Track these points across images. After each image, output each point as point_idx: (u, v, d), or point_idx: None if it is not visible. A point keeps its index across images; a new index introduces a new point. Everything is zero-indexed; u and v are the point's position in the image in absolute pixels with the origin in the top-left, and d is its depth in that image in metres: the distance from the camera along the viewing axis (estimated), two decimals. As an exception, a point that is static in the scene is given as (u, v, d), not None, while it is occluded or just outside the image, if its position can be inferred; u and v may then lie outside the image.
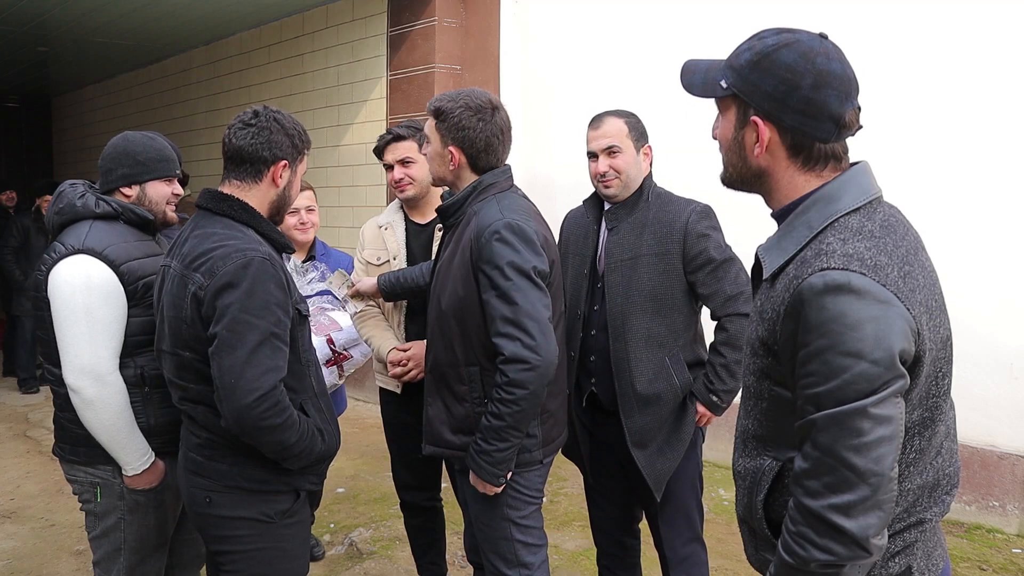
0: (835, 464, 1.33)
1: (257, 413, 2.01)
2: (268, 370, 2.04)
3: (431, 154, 2.47)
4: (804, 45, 1.45)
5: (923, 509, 1.49)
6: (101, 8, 7.79)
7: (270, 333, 2.05)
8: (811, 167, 1.49)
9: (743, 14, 5.17)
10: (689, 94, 1.60)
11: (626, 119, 2.80)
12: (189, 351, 2.12)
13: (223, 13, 8.02)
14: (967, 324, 4.24)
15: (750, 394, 1.59)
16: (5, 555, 4.19)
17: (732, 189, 1.63)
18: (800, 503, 1.39)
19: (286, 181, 2.25)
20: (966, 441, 4.45)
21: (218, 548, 2.23)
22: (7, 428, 6.61)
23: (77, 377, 2.37)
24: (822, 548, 1.35)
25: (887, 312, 1.33)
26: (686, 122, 3.98)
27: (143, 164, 2.54)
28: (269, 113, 2.22)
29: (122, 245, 2.46)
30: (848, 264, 1.35)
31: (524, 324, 2.21)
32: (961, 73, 4.41)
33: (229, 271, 2.04)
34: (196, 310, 2.07)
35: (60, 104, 14.57)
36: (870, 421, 1.32)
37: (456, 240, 2.40)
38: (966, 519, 4.47)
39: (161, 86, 10.64)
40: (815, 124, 1.44)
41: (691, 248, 2.70)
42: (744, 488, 1.58)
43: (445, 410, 2.43)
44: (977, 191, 4.38)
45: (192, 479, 2.22)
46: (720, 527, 4.44)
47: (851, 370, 1.32)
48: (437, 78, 6.65)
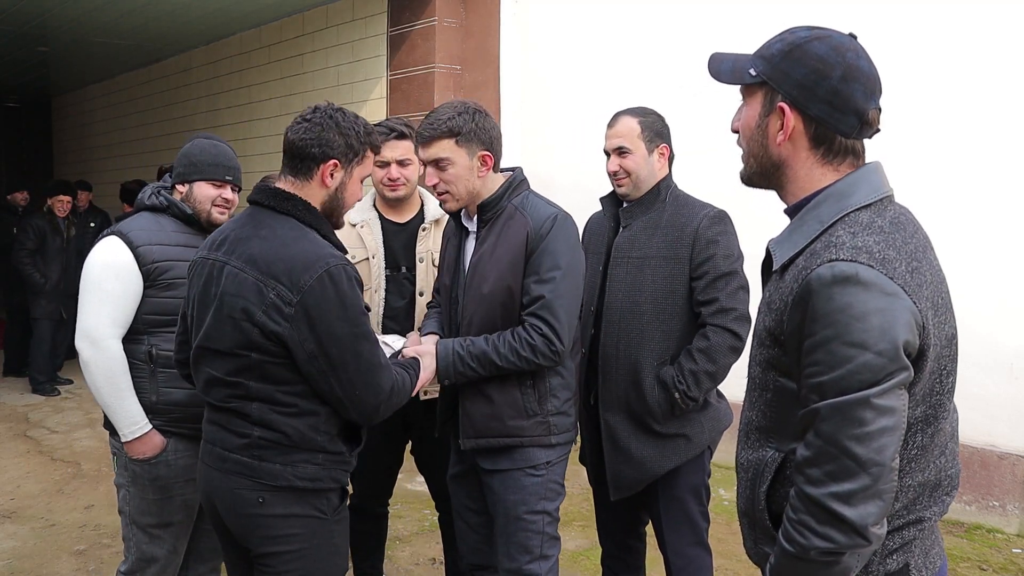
0: (837, 453, 1.35)
1: (384, 411, 2.18)
2: (381, 370, 2.13)
3: (459, 171, 2.44)
4: (835, 40, 1.49)
5: (923, 508, 1.50)
6: (101, 8, 7.79)
7: (371, 334, 2.13)
8: (830, 160, 1.51)
9: (743, 14, 5.18)
10: (717, 81, 1.62)
11: (641, 119, 2.79)
12: (258, 352, 2.08)
13: (223, 13, 8.02)
14: (967, 324, 4.23)
15: (755, 385, 1.60)
16: (5, 555, 4.19)
17: (750, 185, 1.64)
18: (801, 491, 1.40)
19: (338, 182, 2.19)
20: (966, 441, 4.45)
21: (270, 549, 2.15)
22: (7, 428, 6.61)
23: (79, 339, 2.65)
24: (822, 536, 1.37)
25: (893, 304, 1.34)
26: (686, 121, 3.98)
27: (194, 165, 2.76)
28: (328, 110, 2.18)
29: (151, 231, 2.69)
30: (856, 256, 1.37)
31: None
32: (962, 74, 4.40)
33: (316, 285, 2.03)
34: (274, 318, 2.04)
35: (60, 104, 14.57)
36: (873, 411, 1.33)
37: (497, 233, 2.48)
38: (966, 519, 4.47)
39: (161, 86, 10.64)
40: (840, 116, 1.47)
41: (699, 253, 2.69)
42: (747, 480, 1.59)
43: (486, 399, 2.48)
44: (977, 192, 4.38)
45: (237, 481, 2.14)
46: (721, 527, 4.43)
47: (855, 360, 1.33)
48: (437, 78, 6.65)
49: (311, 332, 2.03)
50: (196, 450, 2.54)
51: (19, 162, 15.25)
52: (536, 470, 2.49)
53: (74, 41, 9.31)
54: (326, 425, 2.15)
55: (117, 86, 11.95)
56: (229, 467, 2.16)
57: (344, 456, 2.22)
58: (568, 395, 2.55)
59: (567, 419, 2.55)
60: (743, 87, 1.58)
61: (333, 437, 2.18)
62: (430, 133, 2.43)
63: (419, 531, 4.43)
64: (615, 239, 2.84)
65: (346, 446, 2.22)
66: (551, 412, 2.49)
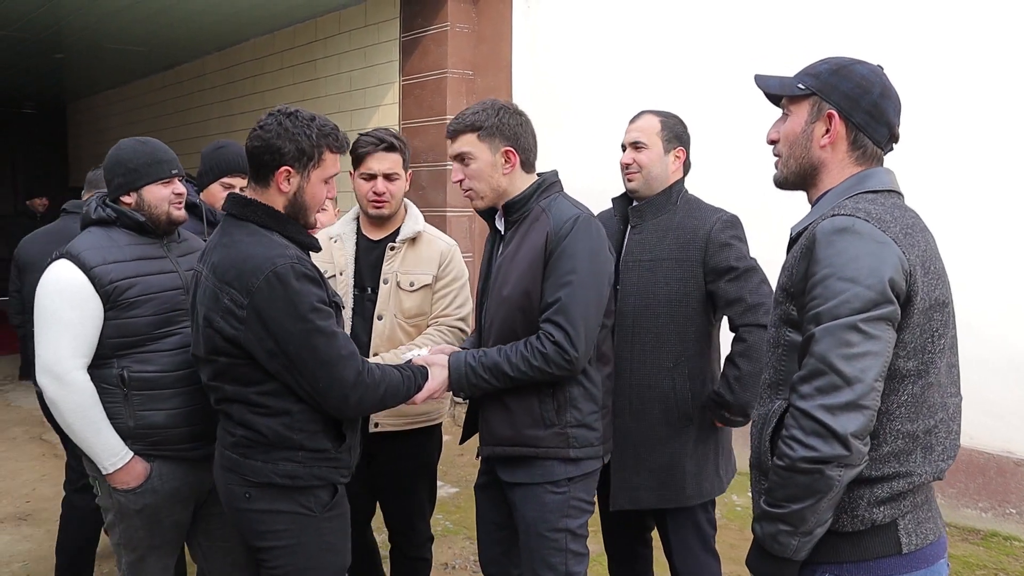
0: (826, 369, 1.54)
1: (355, 403, 2.16)
2: (341, 361, 2.12)
3: (481, 167, 2.42)
4: (872, 66, 1.76)
5: (914, 463, 1.63)
6: (116, 15, 7.85)
7: (325, 328, 2.10)
8: (860, 163, 1.74)
9: (748, 20, 5.17)
10: (765, 92, 1.85)
11: (663, 119, 2.81)
12: (224, 356, 2.14)
13: (236, 19, 8.08)
14: (977, 327, 4.22)
15: (769, 345, 1.78)
16: (21, 557, 4.22)
17: (783, 187, 1.85)
18: (793, 406, 1.58)
19: (295, 187, 2.19)
20: (983, 447, 4.42)
21: (261, 544, 2.22)
22: (23, 431, 6.65)
23: (40, 375, 2.45)
24: (807, 446, 1.54)
25: (882, 250, 1.56)
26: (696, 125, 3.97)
27: (135, 171, 2.57)
28: (279, 115, 2.16)
29: (104, 249, 2.49)
30: (855, 213, 1.60)
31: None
32: (968, 77, 4.38)
33: (263, 286, 2.05)
34: (230, 322, 2.08)
35: (75, 110, 14.70)
36: (859, 335, 1.53)
37: (522, 235, 2.42)
38: (982, 526, 4.44)
39: (175, 92, 10.72)
40: (876, 127, 1.72)
41: (712, 256, 2.66)
42: (756, 432, 1.74)
43: (503, 406, 2.42)
44: (986, 194, 4.35)
45: (229, 476, 2.23)
46: (733, 533, 4.42)
47: (847, 292, 1.54)
48: (449, 83, 6.67)
49: (265, 332, 2.07)
50: (182, 472, 2.57)
51: (35, 168, 15.39)
52: (557, 487, 2.40)
53: (89, 48, 9.39)
54: (302, 423, 2.16)
55: (131, 92, 12.06)
56: (224, 463, 2.25)
57: (329, 453, 2.21)
58: (592, 408, 2.42)
59: (591, 433, 2.42)
60: (787, 101, 1.81)
61: (313, 434, 2.18)
62: (455, 128, 2.45)
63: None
64: (624, 240, 2.82)
65: (332, 443, 2.22)
66: (570, 424, 2.39)
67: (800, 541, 1.61)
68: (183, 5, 7.50)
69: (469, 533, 4.39)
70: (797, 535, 1.60)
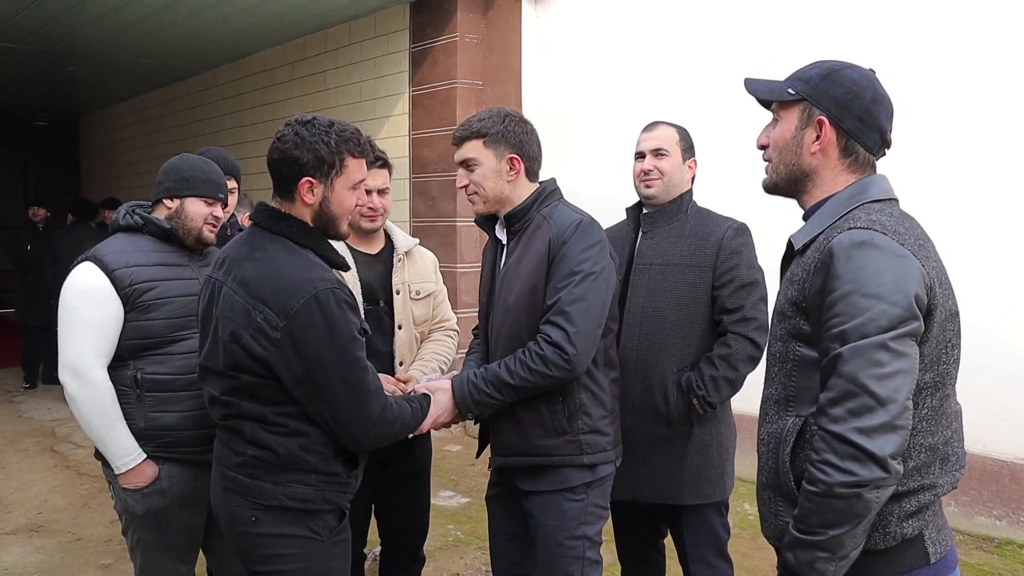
0: (858, 391, 1.49)
1: (374, 437, 2.13)
2: (370, 396, 2.08)
3: (486, 172, 2.45)
4: (864, 71, 1.72)
5: (935, 475, 1.62)
6: (128, 28, 7.92)
7: (360, 359, 2.07)
8: (853, 169, 1.71)
9: (754, 27, 5.17)
10: (754, 97, 1.81)
11: (678, 129, 2.92)
12: (248, 374, 2.07)
13: (247, 31, 8.13)
14: (991, 333, 4.19)
15: (775, 360, 1.75)
16: (32, 568, 4.22)
17: (773, 193, 1.82)
18: (825, 429, 1.53)
19: (320, 198, 2.13)
20: (995, 454, 4.39)
21: (265, 568, 2.15)
22: (35, 443, 6.68)
23: (63, 373, 2.53)
24: (844, 471, 1.49)
25: (904, 264, 1.53)
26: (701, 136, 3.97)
27: (186, 180, 2.67)
28: (295, 125, 2.11)
29: (127, 253, 2.58)
30: (872, 226, 1.57)
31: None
32: (974, 79, 4.37)
33: (302, 310, 1.99)
34: (261, 342, 2.02)
35: (88, 122, 14.80)
36: (889, 354, 1.49)
37: (524, 244, 2.44)
38: (996, 534, 4.40)
39: (187, 103, 10.78)
40: (867, 132, 1.69)
41: (723, 263, 2.74)
42: (768, 452, 1.71)
43: (513, 418, 2.43)
44: (993, 199, 4.33)
45: (233, 499, 2.15)
46: (745, 542, 4.40)
47: (873, 309, 1.50)
48: (459, 94, 6.69)
49: (297, 357, 2.01)
50: (192, 476, 2.60)
51: (47, 179, 15.51)
52: (575, 494, 2.41)
53: (102, 60, 9.46)
54: (318, 446, 2.12)
55: (143, 104, 12.13)
56: (227, 484, 2.17)
57: (340, 477, 2.17)
58: (602, 412, 2.44)
59: (603, 438, 2.43)
60: (776, 107, 1.78)
61: (328, 458, 2.14)
62: (461, 134, 2.48)
63: (443, 546, 4.43)
64: (636, 246, 2.87)
65: (343, 467, 2.18)
66: (582, 430, 2.40)
67: (838, 566, 1.58)
68: (195, 18, 7.55)
69: (480, 543, 4.38)
70: (835, 560, 1.57)
